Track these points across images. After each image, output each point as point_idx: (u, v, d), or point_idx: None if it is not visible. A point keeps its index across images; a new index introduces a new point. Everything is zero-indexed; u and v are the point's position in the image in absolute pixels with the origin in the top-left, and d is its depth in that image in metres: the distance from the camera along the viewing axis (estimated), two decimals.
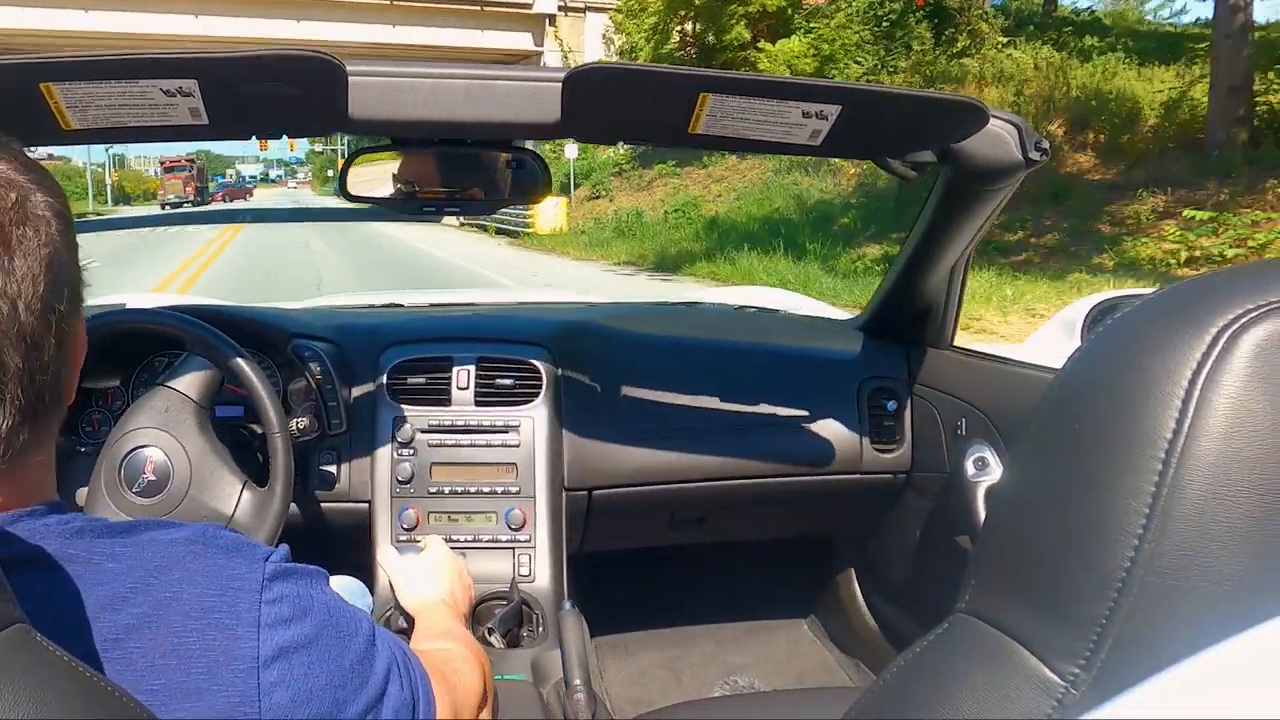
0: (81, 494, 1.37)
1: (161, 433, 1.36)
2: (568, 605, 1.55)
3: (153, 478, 1.34)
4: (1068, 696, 0.51)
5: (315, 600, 0.66)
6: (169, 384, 1.40)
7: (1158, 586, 0.48)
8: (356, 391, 1.67)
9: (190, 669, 0.58)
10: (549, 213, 19.12)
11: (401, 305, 2.23)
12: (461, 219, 22.09)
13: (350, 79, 1.06)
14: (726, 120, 1.10)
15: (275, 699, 0.60)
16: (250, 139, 1.24)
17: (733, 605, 2.30)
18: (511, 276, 11.67)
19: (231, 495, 1.36)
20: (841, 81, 1.09)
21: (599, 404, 1.74)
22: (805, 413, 1.81)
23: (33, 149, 0.77)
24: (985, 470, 1.52)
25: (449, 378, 1.69)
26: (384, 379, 1.68)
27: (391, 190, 1.32)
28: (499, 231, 21.57)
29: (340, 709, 0.64)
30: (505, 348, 1.74)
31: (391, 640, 0.73)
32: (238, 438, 1.51)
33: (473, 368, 1.70)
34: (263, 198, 69.06)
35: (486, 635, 1.49)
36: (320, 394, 1.60)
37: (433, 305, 2.27)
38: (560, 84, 1.08)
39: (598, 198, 21.87)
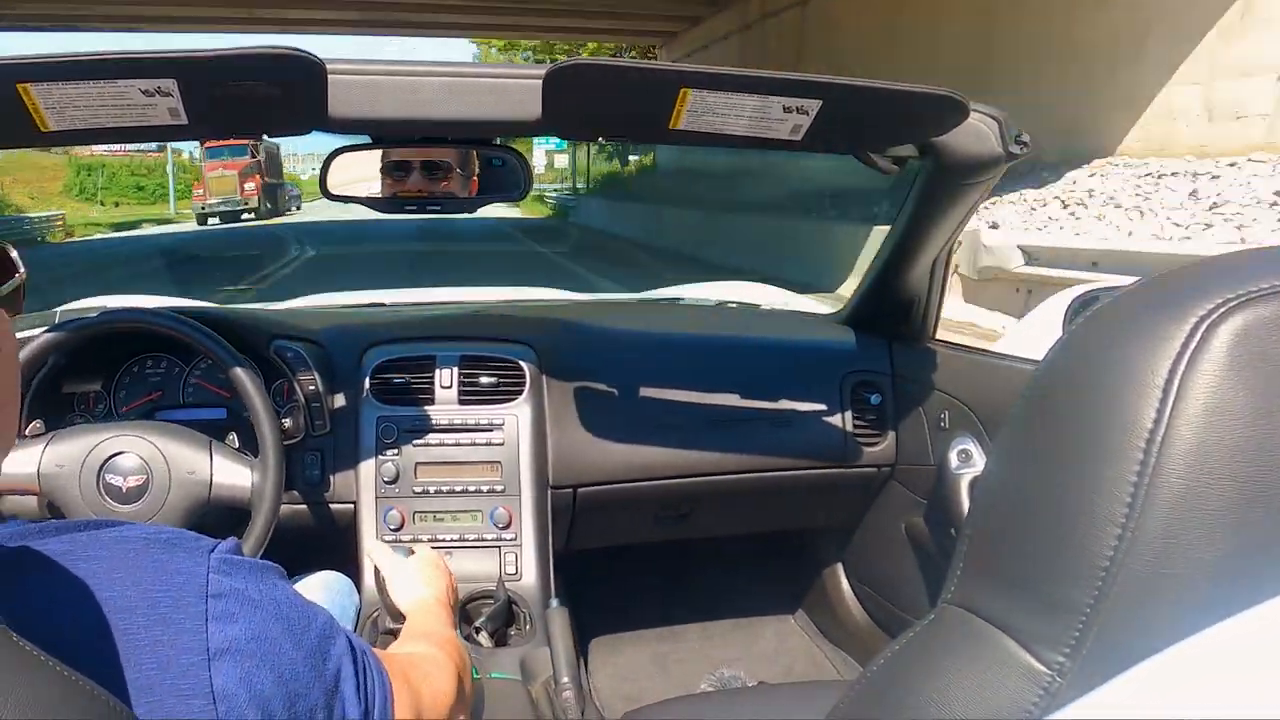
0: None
1: (129, 436, 1.36)
2: (555, 603, 1.55)
3: (134, 484, 1.34)
4: (1054, 685, 0.52)
5: (264, 594, 0.66)
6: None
7: (1140, 574, 0.49)
8: (339, 392, 1.66)
9: (141, 665, 0.58)
10: None
11: (384, 305, 2.22)
12: None
13: (330, 77, 1.05)
14: (707, 115, 1.10)
15: (228, 692, 0.60)
16: (229, 138, 1.23)
17: (720, 600, 2.30)
18: None
19: (203, 460, 1.38)
20: (823, 76, 1.09)
21: (583, 401, 1.74)
22: (789, 407, 1.82)
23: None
24: (969, 462, 1.53)
25: (432, 377, 1.69)
26: (367, 379, 1.67)
27: (372, 189, 1.32)
28: None
29: (294, 703, 0.64)
30: (488, 346, 1.74)
31: (350, 637, 0.73)
32: (221, 439, 1.51)
33: (455, 366, 1.69)
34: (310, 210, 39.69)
35: (474, 634, 1.49)
36: (303, 395, 1.60)
37: (415, 304, 2.26)
38: (540, 81, 1.07)
39: None
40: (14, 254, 0.74)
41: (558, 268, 14.15)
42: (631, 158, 30.17)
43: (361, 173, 1.32)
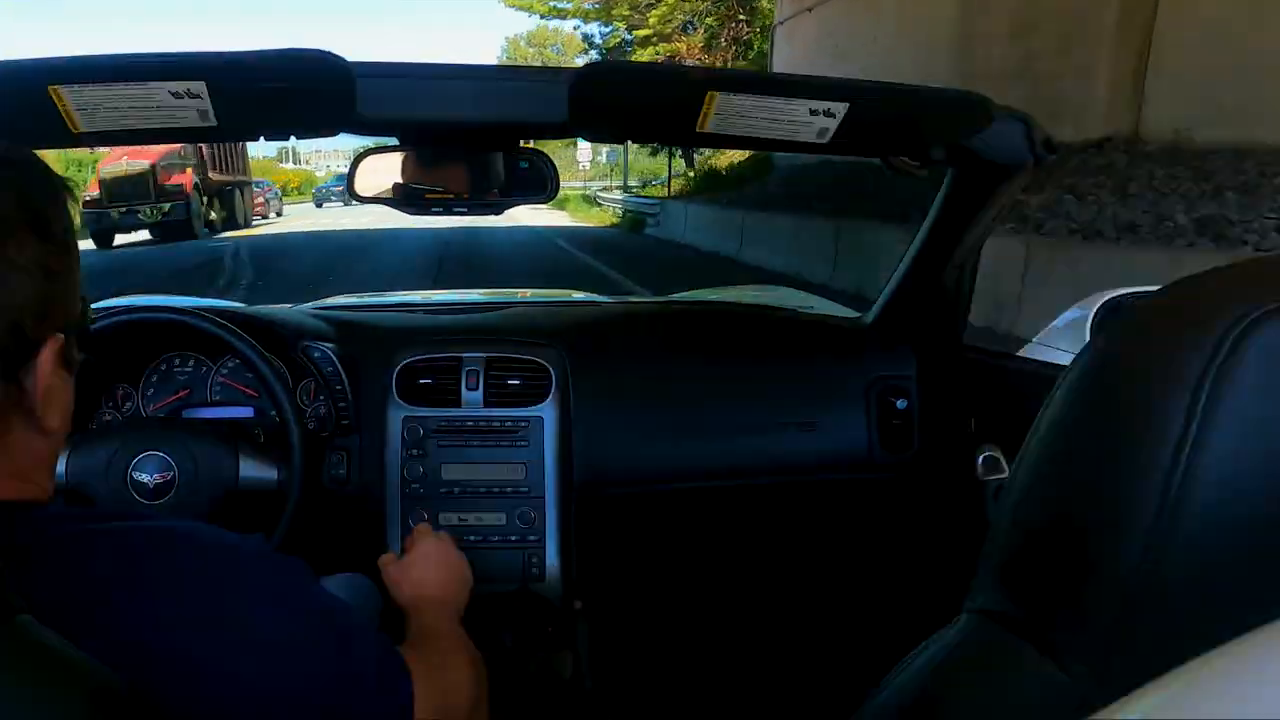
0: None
1: (155, 434, 1.38)
2: (577, 606, 1.55)
3: (160, 481, 1.35)
4: (1077, 695, 0.51)
5: (290, 589, 0.67)
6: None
7: (1169, 584, 0.48)
8: (366, 392, 1.67)
9: (172, 653, 0.59)
10: None
11: (410, 306, 2.23)
12: None
13: (358, 79, 1.06)
14: (735, 118, 1.10)
15: (252, 683, 0.61)
16: (259, 140, 1.24)
17: (742, 602, 2.29)
18: None
19: (229, 457, 1.39)
20: (850, 79, 1.08)
21: (609, 404, 1.74)
22: (815, 412, 1.81)
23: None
24: (995, 469, 1.52)
25: (458, 378, 1.69)
26: (393, 380, 1.68)
27: (399, 191, 1.33)
28: None
29: (317, 697, 0.65)
30: (514, 348, 1.74)
31: (375, 635, 0.74)
32: (247, 438, 1.52)
33: (481, 368, 1.70)
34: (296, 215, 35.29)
35: (496, 635, 1.50)
36: (330, 395, 1.61)
37: (442, 305, 2.27)
38: (567, 84, 1.08)
39: None
40: None
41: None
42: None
43: (387, 172, 1.33)
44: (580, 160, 43.27)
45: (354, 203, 1.42)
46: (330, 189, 41.18)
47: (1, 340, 0.59)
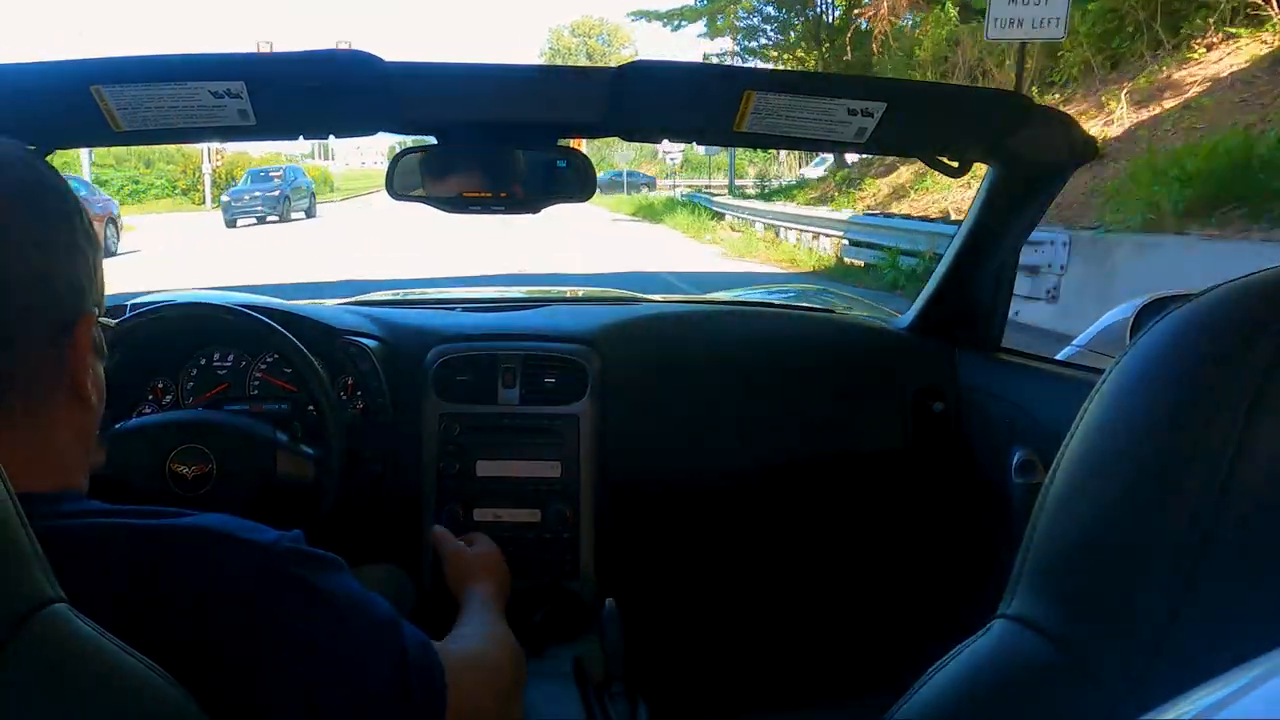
0: None
1: (191, 425, 1.40)
2: (610, 602, 1.55)
3: (198, 472, 1.37)
4: (1109, 704, 0.50)
5: (325, 584, 0.68)
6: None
7: (1210, 594, 0.47)
8: (403, 388, 1.69)
9: (205, 647, 0.60)
10: None
11: (448, 302, 2.25)
12: None
13: (396, 79, 1.07)
14: (772, 118, 1.10)
15: (287, 675, 0.62)
16: (298, 139, 1.26)
17: (776, 605, 2.28)
18: None
19: (267, 449, 1.40)
20: (886, 78, 1.07)
21: (644, 402, 1.74)
22: (851, 413, 1.80)
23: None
24: (1032, 473, 1.50)
25: (495, 375, 1.70)
26: (430, 376, 1.69)
27: (436, 190, 1.33)
28: None
29: (351, 690, 0.66)
30: (551, 345, 1.75)
31: (407, 628, 0.74)
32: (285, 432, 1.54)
33: (518, 365, 1.71)
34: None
35: (528, 631, 1.50)
36: (368, 391, 1.62)
37: (479, 301, 2.29)
38: (605, 83, 1.08)
39: None
40: None
41: None
42: None
43: (424, 171, 1.33)
44: (666, 152, 33.31)
45: (272, 218, 1.41)
46: (243, 197, 22.34)
47: (52, 307, 0.62)
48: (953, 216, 11.00)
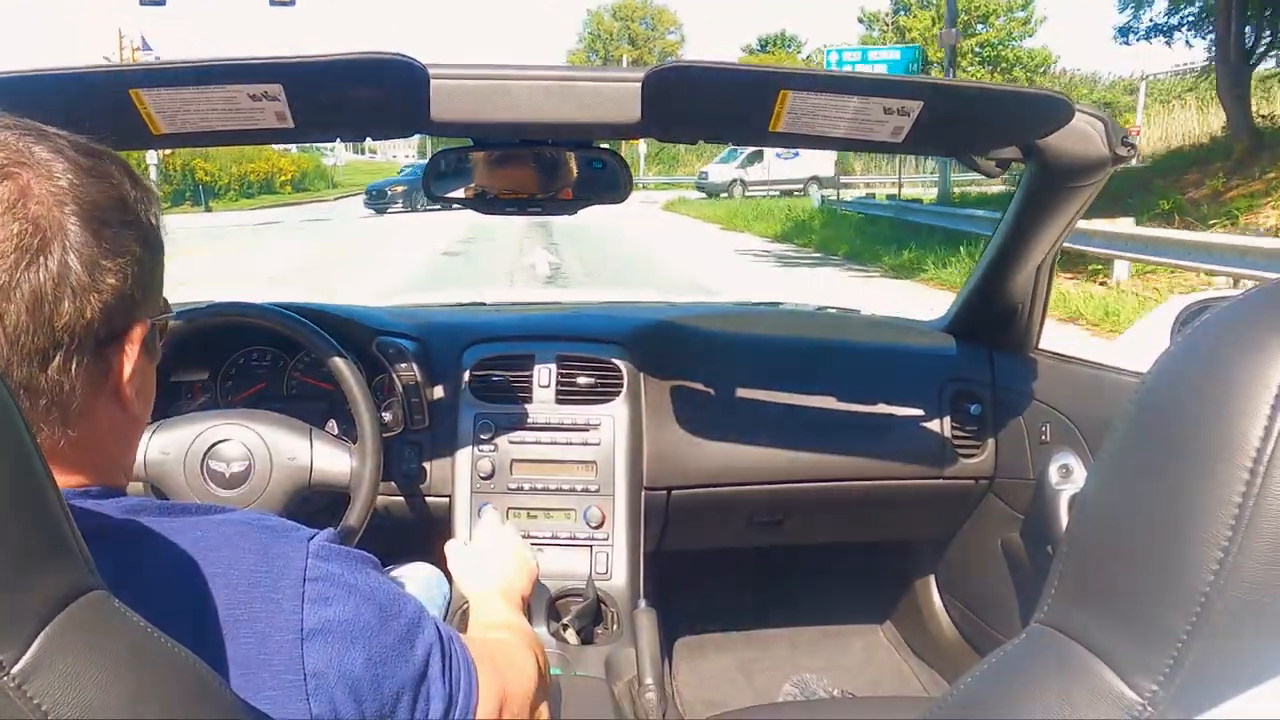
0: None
1: (231, 424, 1.41)
2: (643, 604, 1.55)
3: (237, 470, 1.39)
4: (1145, 713, 0.50)
5: (358, 581, 0.68)
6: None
7: (1241, 602, 0.46)
8: (439, 388, 1.70)
9: (238, 640, 0.61)
10: None
11: (484, 304, 2.26)
12: None
13: (433, 81, 1.07)
14: (808, 118, 1.09)
15: (318, 670, 0.63)
16: (335, 142, 1.27)
17: (809, 609, 2.27)
18: None
19: (304, 446, 1.41)
20: (923, 77, 1.07)
21: (679, 404, 1.74)
22: (887, 415, 1.79)
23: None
24: (1069, 478, 1.48)
25: (530, 375, 1.71)
26: (466, 376, 1.70)
27: (472, 191, 1.34)
28: None
29: (381, 686, 0.66)
30: (586, 346, 1.75)
31: (439, 625, 0.75)
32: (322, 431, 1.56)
33: (554, 366, 1.71)
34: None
35: (561, 631, 1.51)
36: (403, 390, 1.64)
37: (514, 304, 2.30)
38: (640, 84, 1.08)
39: None
40: None
41: None
42: None
43: (461, 172, 1.34)
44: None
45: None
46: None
47: (98, 319, 0.62)
48: None
